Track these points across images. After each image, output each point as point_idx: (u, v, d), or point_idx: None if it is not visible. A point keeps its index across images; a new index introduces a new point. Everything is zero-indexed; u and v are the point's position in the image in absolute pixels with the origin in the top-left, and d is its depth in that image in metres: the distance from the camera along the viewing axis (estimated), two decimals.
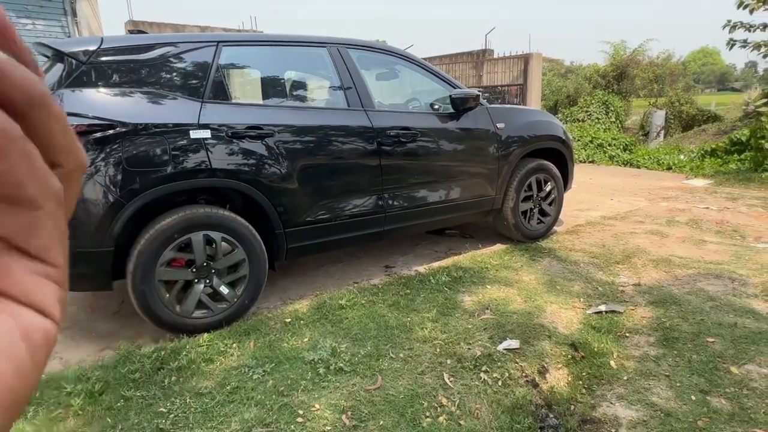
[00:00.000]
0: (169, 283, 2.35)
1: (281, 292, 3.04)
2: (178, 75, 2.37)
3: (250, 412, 1.81)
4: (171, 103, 2.31)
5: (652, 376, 2.08)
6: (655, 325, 2.51)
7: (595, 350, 2.29)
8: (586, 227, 4.35)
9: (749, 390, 1.95)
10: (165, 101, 2.30)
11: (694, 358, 2.20)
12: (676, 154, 8.43)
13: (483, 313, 2.67)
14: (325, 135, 2.69)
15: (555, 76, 16.36)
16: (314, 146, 2.65)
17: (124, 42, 2.31)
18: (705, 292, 2.87)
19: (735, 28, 11.35)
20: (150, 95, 2.28)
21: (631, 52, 13.92)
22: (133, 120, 2.17)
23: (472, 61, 11.76)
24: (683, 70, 16.51)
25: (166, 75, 2.35)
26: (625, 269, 3.32)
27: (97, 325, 2.67)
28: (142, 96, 2.26)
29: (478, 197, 3.44)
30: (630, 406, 1.91)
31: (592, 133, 9.65)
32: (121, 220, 2.16)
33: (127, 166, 2.14)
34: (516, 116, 3.60)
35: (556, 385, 2.07)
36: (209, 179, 2.35)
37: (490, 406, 1.91)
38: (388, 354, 2.24)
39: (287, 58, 2.94)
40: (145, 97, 2.26)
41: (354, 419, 1.80)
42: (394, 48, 3.19)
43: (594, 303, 2.79)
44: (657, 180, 6.91)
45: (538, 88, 10.65)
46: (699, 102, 14.31)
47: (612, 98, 11.66)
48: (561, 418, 1.88)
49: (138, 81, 2.28)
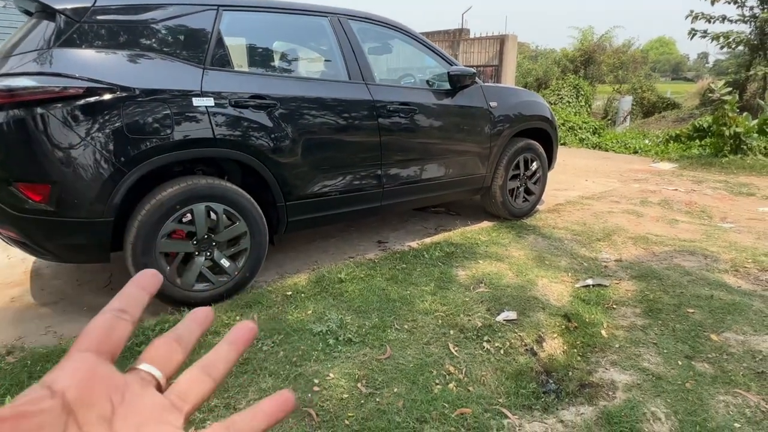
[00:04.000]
0: (169, 255, 2.29)
1: (277, 267, 3.02)
2: (177, 39, 2.27)
3: (266, 382, 1.83)
4: (171, 67, 2.21)
5: (641, 344, 2.23)
6: (639, 298, 2.67)
7: (587, 321, 2.41)
8: (566, 206, 4.51)
9: (728, 355, 2.13)
10: (165, 66, 2.20)
11: (678, 327, 2.36)
12: (641, 139, 8.79)
13: (478, 287, 2.75)
14: (327, 107, 2.66)
15: (525, 59, 16.58)
16: (317, 118, 2.62)
17: (121, 0, 2.18)
18: (682, 268, 3.06)
19: (697, 19, 11.77)
20: (149, 59, 2.17)
21: (599, 38, 14.26)
22: (133, 84, 2.07)
23: (448, 39, 11.73)
24: (644, 58, 17.08)
25: (165, 38, 2.24)
26: (606, 246, 3.48)
27: (88, 298, 2.58)
28: (141, 59, 2.15)
29: (470, 174, 3.50)
30: (624, 371, 2.04)
31: (564, 116, 9.90)
32: (122, 190, 2.08)
33: (128, 132, 2.05)
34: (508, 96, 3.66)
35: (553, 353, 2.18)
36: (212, 149, 2.29)
37: (494, 374, 2.00)
38: (393, 325, 2.29)
39: (288, 26, 2.85)
40: (144, 61, 2.16)
41: (369, 387, 1.84)
42: (393, 21, 3.15)
43: (581, 277, 2.93)
44: (626, 163, 7.21)
45: (512, 69, 10.78)
46: (659, 90, 14.91)
47: (582, 82, 11.97)
48: (560, 383, 1.99)
49: (136, 44, 2.16)
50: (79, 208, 2.03)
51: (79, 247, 2.15)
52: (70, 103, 1.95)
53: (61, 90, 1.93)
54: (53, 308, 2.47)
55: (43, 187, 1.99)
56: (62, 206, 2.01)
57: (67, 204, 2.01)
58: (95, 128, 1.99)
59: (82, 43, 2.06)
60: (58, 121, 1.94)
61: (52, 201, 2.00)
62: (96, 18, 2.09)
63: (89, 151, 1.99)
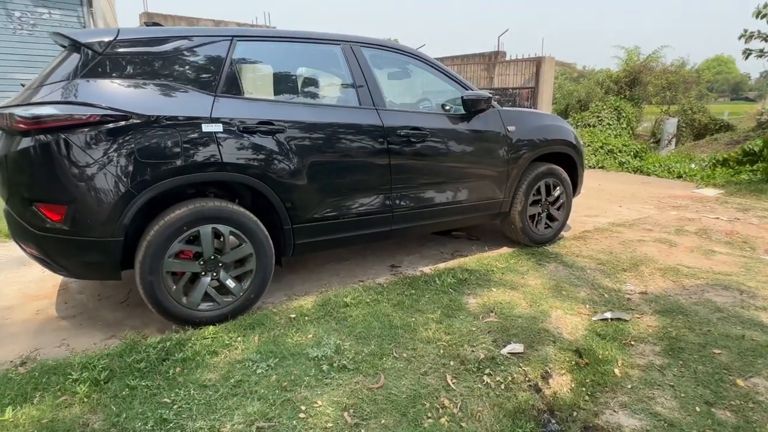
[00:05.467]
0: (176, 274, 2.36)
1: (287, 288, 3.05)
2: (192, 68, 2.39)
3: (253, 406, 1.82)
4: (184, 96, 2.32)
5: (656, 386, 2.07)
6: (661, 335, 2.49)
7: (600, 357, 2.28)
8: (593, 233, 4.32)
9: (755, 403, 1.94)
10: (178, 94, 2.31)
11: (700, 369, 2.18)
12: (687, 163, 8.35)
13: (488, 316, 2.66)
14: (335, 132, 2.70)
15: (567, 80, 16.26)
16: (324, 143, 2.66)
17: (140, 34, 2.33)
18: (713, 303, 2.84)
19: (751, 38, 11.21)
20: (164, 87, 2.29)
21: (645, 59, 13.80)
22: (146, 112, 2.18)
23: (483, 62, 11.73)
24: (697, 78, 16.33)
25: (180, 68, 2.36)
26: (632, 277, 3.30)
27: (105, 313, 2.70)
28: (156, 88, 2.28)
29: (486, 200, 3.43)
30: (633, 414, 1.89)
31: (602, 138, 9.58)
32: (131, 211, 2.18)
33: (138, 157, 2.16)
34: (527, 120, 3.59)
35: (559, 390, 2.07)
36: (219, 173, 2.37)
37: (492, 410, 1.91)
38: (392, 353, 2.25)
39: (300, 54, 2.94)
40: (158, 90, 2.28)
41: (356, 417, 1.80)
42: (406, 47, 3.19)
43: (600, 310, 2.78)
44: (667, 188, 6.86)
45: (549, 91, 10.61)
46: (712, 111, 14.16)
47: (624, 104, 11.57)
48: (563, 423, 1.88)
49: (152, 73, 2.29)
50: (91, 228, 2.14)
51: (91, 265, 2.26)
52: (87, 129, 2.08)
53: (79, 118, 2.07)
54: (71, 322, 2.59)
55: (61, 207, 2.12)
56: (76, 226, 2.13)
57: (81, 224, 2.13)
58: (108, 153, 2.11)
59: (104, 73, 2.21)
60: (74, 146, 2.07)
61: (67, 221, 2.12)
62: (117, 50, 2.23)
63: (101, 174, 2.11)
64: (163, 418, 1.75)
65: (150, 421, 1.73)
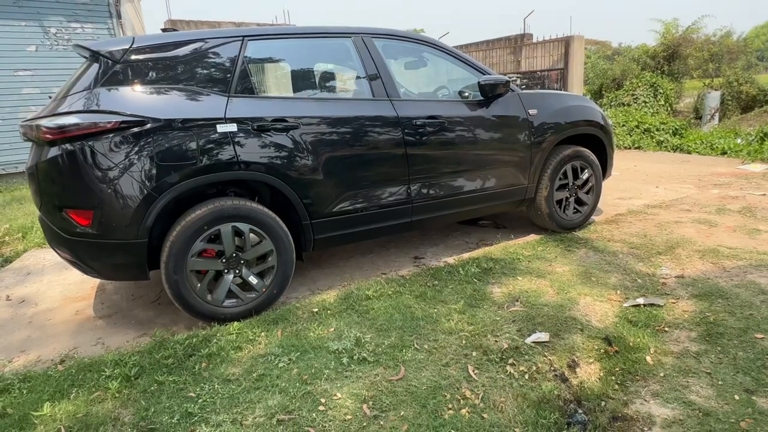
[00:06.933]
0: (200, 272, 2.43)
1: (311, 283, 3.08)
2: (205, 71, 2.43)
3: (274, 399, 1.85)
4: (198, 98, 2.37)
5: (691, 374, 1.97)
6: (697, 320, 2.36)
7: (631, 345, 2.18)
8: (627, 216, 4.15)
9: None
10: (193, 97, 2.36)
11: (740, 355, 2.05)
12: (732, 138, 7.86)
13: (513, 305, 2.60)
14: (349, 125, 2.69)
15: (600, 58, 15.60)
16: (338, 137, 2.66)
17: (154, 41, 2.38)
18: (756, 285, 2.67)
19: None
20: (178, 91, 2.35)
21: (684, 30, 13.06)
22: (162, 116, 2.24)
23: (510, 46, 11.42)
24: (744, 47, 15.29)
25: (194, 71, 2.41)
26: (667, 260, 3.14)
27: (137, 312, 2.81)
28: (171, 92, 2.33)
29: (509, 186, 3.34)
30: (665, 403, 1.81)
31: (638, 117, 9.16)
32: (154, 213, 2.25)
33: (157, 160, 2.22)
34: (549, 102, 3.46)
35: (586, 380, 2.00)
36: (236, 172, 2.41)
37: (515, 400, 1.87)
38: (413, 345, 2.23)
39: (312, 50, 2.94)
40: (174, 93, 2.33)
41: (375, 409, 1.80)
42: (419, 35, 3.13)
43: (632, 295, 2.66)
44: (709, 166, 6.49)
45: (580, 72, 10.21)
46: (761, 81, 13.25)
47: (661, 80, 11.01)
48: (590, 414, 1.81)
49: (167, 78, 2.35)
50: (116, 231, 2.22)
51: (119, 266, 2.35)
52: (109, 136, 2.16)
53: (101, 125, 2.14)
54: (107, 321, 2.72)
55: (88, 212, 2.21)
56: (103, 229, 2.22)
57: (107, 227, 2.22)
58: (128, 157, 2.18)
59: (123, 80, 2.28)
60: (98, 153, 2.15)
61: (95, 225, 2.22)
62: (132, 58, 2.30)
63: (124, 178, 2.18)
64: (188, 411, 1.80)
65: (176, 415, 1.79)
